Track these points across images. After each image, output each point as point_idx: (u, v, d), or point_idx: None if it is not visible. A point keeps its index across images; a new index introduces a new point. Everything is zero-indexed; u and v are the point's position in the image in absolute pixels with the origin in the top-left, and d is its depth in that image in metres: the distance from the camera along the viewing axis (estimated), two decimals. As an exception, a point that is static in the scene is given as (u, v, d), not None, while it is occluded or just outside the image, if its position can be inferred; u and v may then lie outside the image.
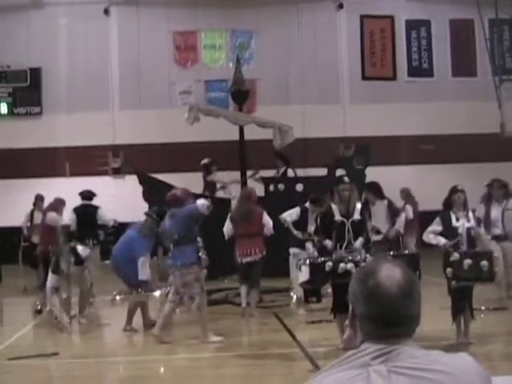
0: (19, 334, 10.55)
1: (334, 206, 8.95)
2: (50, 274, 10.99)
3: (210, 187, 16.38)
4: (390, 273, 2.02)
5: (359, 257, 8.49)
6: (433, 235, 8.91)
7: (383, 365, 1.93)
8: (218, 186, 16.40)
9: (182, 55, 24.21)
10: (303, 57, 23.93)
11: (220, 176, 16.51)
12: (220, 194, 16.21)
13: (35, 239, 15.82)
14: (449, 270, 8.46)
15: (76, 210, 14.03)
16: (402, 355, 1.95)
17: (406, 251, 10.53)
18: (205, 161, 16.58)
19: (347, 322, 2.13)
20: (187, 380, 7.83)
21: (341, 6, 24.34)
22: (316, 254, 10.12)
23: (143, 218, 11.14)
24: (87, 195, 14.55)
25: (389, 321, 1.98)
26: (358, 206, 9.05)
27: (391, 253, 9.06)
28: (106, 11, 23.62)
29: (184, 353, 9.15)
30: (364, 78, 24.62)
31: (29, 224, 16.24)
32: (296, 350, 8.89)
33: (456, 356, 2.02)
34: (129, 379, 8.17)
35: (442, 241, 8.73)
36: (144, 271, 10.59)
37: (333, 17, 24.45)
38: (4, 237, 17.30)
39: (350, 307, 2.09)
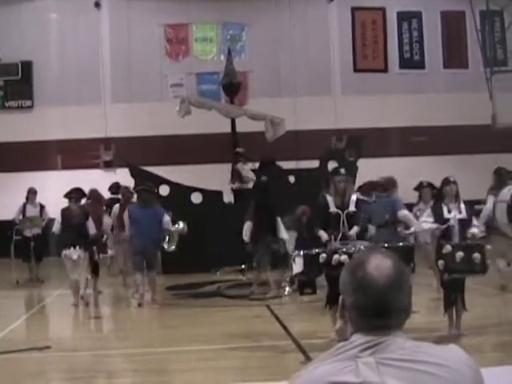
0: (12, 327, 10.53)
1: (329, 198, 8.91)
2: None
3: (237, 177, 16.48)
4: (380, 264, 2.01)
5: (353, 248, 8.46)
6: (424, 222, 8.94)
7: (372, 357, 1.92)
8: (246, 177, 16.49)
9: (173, 48, 24.15)
10: (295, 49, 23.90)
11: (246, 169, 16.58)
12: (250, 185, 16.27)
13: (27, 232, 15.87)
14: (441, 262, 8.48)
15: None
16: (391, 347, 1.94)
17: (401, 243, 10.49)
18: (240, 149, 16.80)
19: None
20: (184, 373, 7.83)
21: (332, -2, 24.33)
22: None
23: None
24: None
25: (377, 311, 1.97)
26: (354, 197, 9.03)
27: (385, 245, 9.03)
28: (97, 4, 23.52)
29: (178, 346, 9.14)
30: (355, 70, 24.62)
31: (21, 217, 16.22)
32: (288, 341, 8.91)
33: (446, 348, 2.01)
34: (121, 372, 8.17)
35: (434, 225, 8.73)
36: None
37: (324, 9, 24.42)
38: (-4, 230, 17.25)
39: (340, 298, 2.10)
